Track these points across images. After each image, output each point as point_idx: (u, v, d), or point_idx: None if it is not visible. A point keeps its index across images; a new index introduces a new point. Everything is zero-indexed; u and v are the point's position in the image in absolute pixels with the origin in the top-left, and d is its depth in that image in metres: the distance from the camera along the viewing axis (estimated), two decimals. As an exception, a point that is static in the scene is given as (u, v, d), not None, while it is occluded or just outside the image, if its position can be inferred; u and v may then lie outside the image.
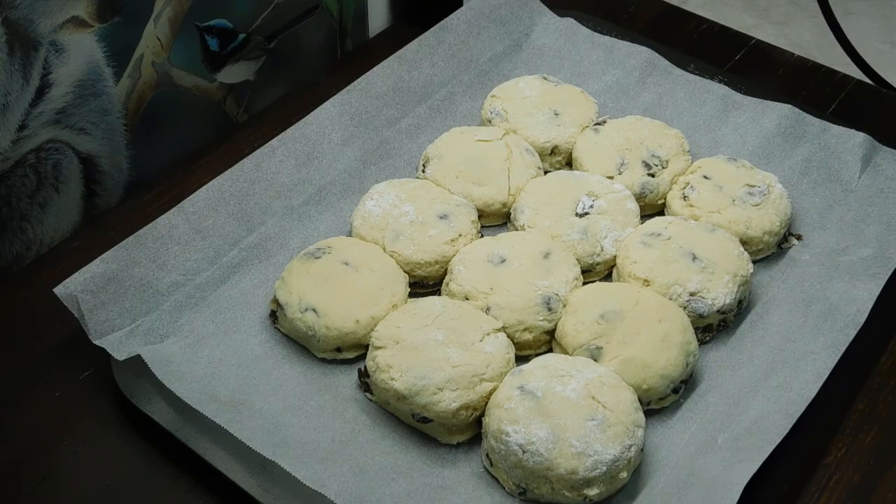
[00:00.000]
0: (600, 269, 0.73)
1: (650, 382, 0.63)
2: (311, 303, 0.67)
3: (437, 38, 0.87)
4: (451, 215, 0.73)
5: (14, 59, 0.68)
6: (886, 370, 0.69)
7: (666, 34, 0.96)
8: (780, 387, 0.63)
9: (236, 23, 0.83)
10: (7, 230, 0.74)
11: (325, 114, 0.80)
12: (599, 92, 0.88)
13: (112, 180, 0.80)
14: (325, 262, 0.69)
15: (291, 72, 0.91)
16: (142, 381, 0.64)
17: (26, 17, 0.67)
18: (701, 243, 0.70)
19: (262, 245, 0.74)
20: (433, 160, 0.78)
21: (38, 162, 0.74)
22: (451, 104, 0.86)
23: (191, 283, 0.70)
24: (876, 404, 0.67)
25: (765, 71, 0.78)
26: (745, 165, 0.77)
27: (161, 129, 0.82)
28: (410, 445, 0.63)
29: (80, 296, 0.65)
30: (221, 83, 0.85)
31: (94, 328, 0.65)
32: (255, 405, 0.63)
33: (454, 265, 0.71)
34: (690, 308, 0.68)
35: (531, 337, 0.67)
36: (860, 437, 0.65)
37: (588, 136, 0.80)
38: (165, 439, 0.63)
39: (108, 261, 0.67)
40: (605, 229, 0.73)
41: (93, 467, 0.63)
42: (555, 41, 0.92)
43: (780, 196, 0.75)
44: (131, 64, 0.77)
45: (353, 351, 0.68)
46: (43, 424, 0.65)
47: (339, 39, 0.95)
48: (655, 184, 0.77)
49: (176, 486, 0.62)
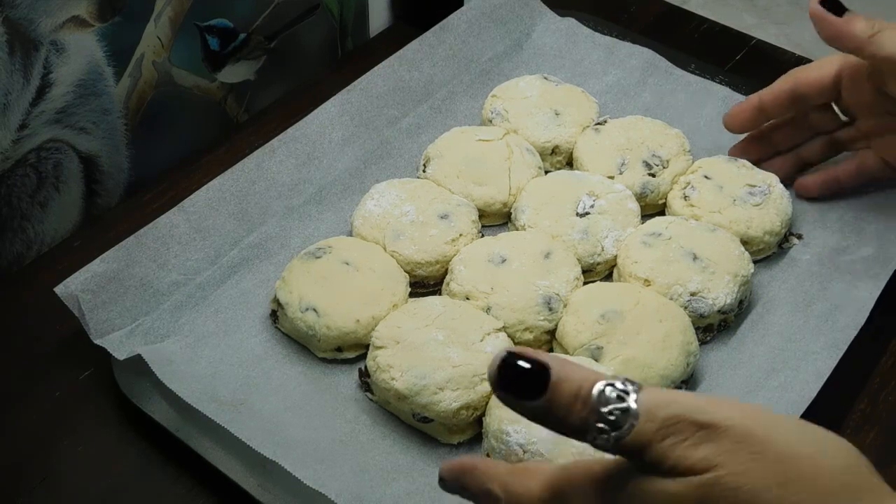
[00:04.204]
0: (601, 268, 0.73)
1: (651, 382, 0.63)
2: (311, 302, 0.67)
3: (438, 38, 0.87)
4: (451, 215, 0.73)
5: (14, 59, 0.68)
6: (887, 370, 0.69)
7: (666, 34, 0.96)
8: (780, 387, 0.63)
9: (237, 22, 0.83)
10: (7, 230, 0.74)
11: (326, 113, 0.80)
12: (600, 92, 0.88)
13: (112, 180, 0.80)
14: (325, 261, 0.69)
15: (292, 71, 0.91)
16: (142, 381, 0.64)
17: (27, 16, 0.67)
18: (702, 243, 0.70)
19: (262, 245, 0.74)
20: (434, 160, 0.78)
21: (38, 161, 0.74)
22: (452, 104, 0.86)
23: (191, 283, 0.70)
24: (876, 404, 0.67)
25: (766, 71, 0.78)
26: (745, 165, 0.77)
27: (161, 128, 0.82)
28: (411, 445, 0.63)
29: (80, 295, 0.65)
30: (222, 83, 0.85)
31: (94, 328, 0.65)
32: (255, 405, 0.63)
33: (455, 265, 0.71)
34: (691, 308, 0.68)
35: (532, 337, 0.67)
36: (860, 437, 0.65)
37: (589, 136, 0.80)
38: (165, 439, 0.63)
39: (108, 260, 0.67)
40: (605, 229, 0.73)
41: (93, 467, 0.63)
42: (555, 41, 0.92)
43: (780, 196, 0.75)
44: (132, 63, 0.77)
45: (354, 351, 0.68)
46: (43, 424, 0.65)
47: (340, 39, 0.95)
48: (656, 184, 0.77)
49: (176, 486, 0.62)
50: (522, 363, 0.42)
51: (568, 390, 0.42)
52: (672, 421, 0.40)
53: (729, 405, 0.41)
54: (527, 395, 0.42)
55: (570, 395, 0.42)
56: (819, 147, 0.78)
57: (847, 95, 0.74)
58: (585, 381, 0.42)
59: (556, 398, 0.42)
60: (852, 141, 0.76)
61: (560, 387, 0.42)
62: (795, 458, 0.39)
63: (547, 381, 0.42)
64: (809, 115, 0.77)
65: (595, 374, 0.42)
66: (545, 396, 0.42)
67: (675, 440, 0.40)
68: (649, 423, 0.40)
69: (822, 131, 0.77)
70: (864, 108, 0.74)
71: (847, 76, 0.73)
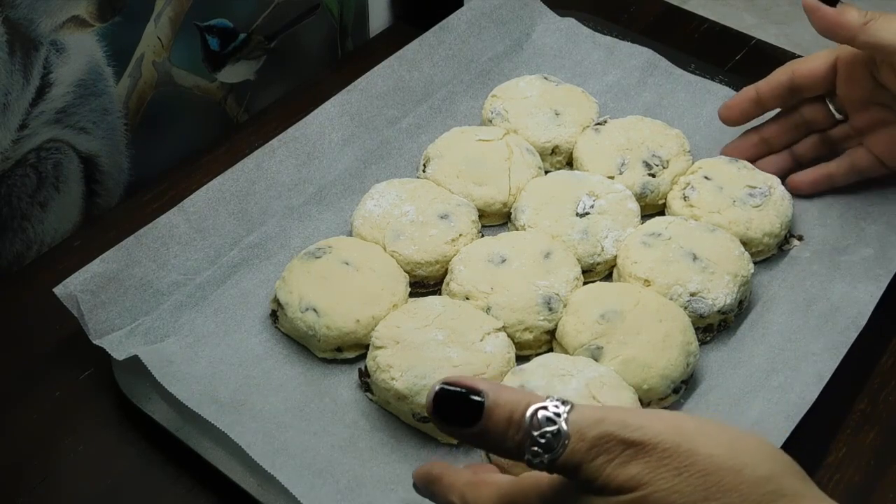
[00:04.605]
0: (601, 269, 0.73)
1: (651, 382, 0.63)
2: (311, 302, 0.67)
3: (438, 38, 0.87)
4: (451, 215, 0.73)
5: (14, 59, 0.68)
6: (887, 370, 0.69)
7: (666, 34, 0.96)
8: (780, 388, 0.63)
9: (237, 22, 0.83)
10: (7, 230, 0.74)
11: (326, 113, 0.80)
12: (600, 92, 0.87)
13: (112, 180, 0.80)
14: (325, 261, 0.69)
15: (292, 71, 0.91)
16: (142, 381, 0.64)
17: (27, 16, 0.67)
18: (701, 243, 0.70)
19: (262, 245, 0.74)
20: (434, 160, 0.78)
21: (38, 161, 0.74)
22: (452, 104, 0.86)
23: (191, 283, 0.70)
24: (876, 404, 0.67)
25: (766, 71, 0.78)
26: (746, 166, 0.77)
27: (161, 128, 0.82)
28: (409, 452, 0.63)
29: (79, 295, 0.65)
30: (222, 83, 0.85)
31: (93, 328, 0.65)
32: (254, 406, 0.63)
33: (454, 265, 0.71)
34: (691, 308, 0.68)
35: (531, 337, 0.67)
36: (860, 437, 0.65)
37: (589, 136, 0.80)
38: (165, 439, 0.63)
39: (108, 260, 0.67)
40: (605, 229, 0.73)
41: (93, 467, 0.63)
42: (556, 41, 0.92)
43: (781, 198, 0.75)
44: (132, 63, 0.77)
45: (354, 351, 0.68)
46: (43, 424, 0.65)
47: (340, 39, 0.95)
48: (656, 184, 0.77)
49: (176, 486, 0.62)
50: (458, 391, 0.45)
51: (502, 416, 0.43)
52: (601, 440, 0.42)
53: (657, 419, 0.43)
54: (463, 422, 0.44)
55: (503, 420, 0.43)
56: (812, 145, 0.78)
57: (841, 88, 0.75)
58: (518, 405, 0.43)
59: (490, 424, 0.44)
60: (845, 139, 0.77)
61: (494, 413, 0.44)
62: (718, 470, 0.41)
63: (482, 408, 0.44)
64: (803, 111, 0.77)
65: (528, 398, 0.44)
66: (480, 423, 0.44)
67: (605, 459, 0.42)
68: (580, 444, 0.42)
69: (815, 129, 0.78)
70: (857, 103, 0.75)
71: (842, 68, 0.74)
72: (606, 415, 0.43)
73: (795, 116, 0.78)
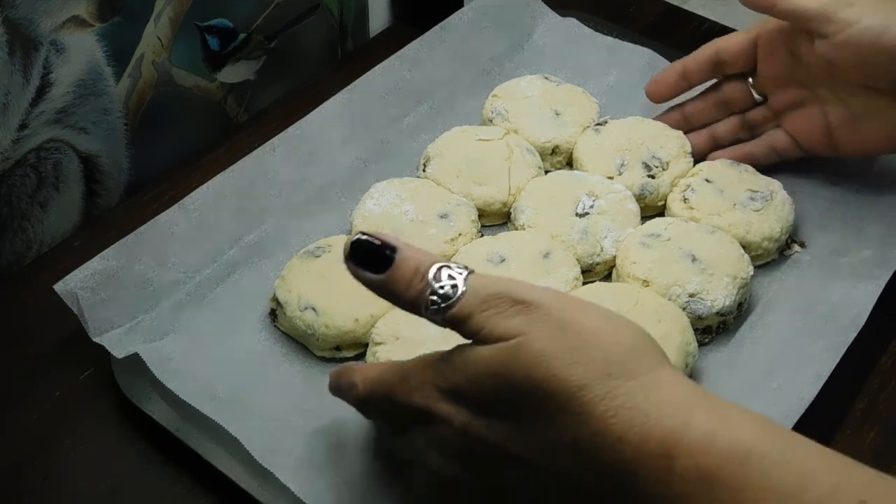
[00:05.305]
0: (600, 269, 0.73)
1: (650, 382, 0.63)
2: (310, 301, 0.67)
3: (439, 38, 0.87)
4: (451, 214, 0.73)
5: (14, 59, 0.68)
6: (887, 370, 0.69)
7: (666, 34, 0.96)
8: (779, 389, 0.63)
9: (237, 22, 0.83)
10: (7, 230, 0.74)
11: (326, 113, 0.80)
12: (601, 92, 0.87)
13: (112, 180, 0.80)
14: (325, 260, 0.69)
15: (292, 71, 0.91)
16: (142, 381, 0.64)
17: (26, 16, 0.67)
18: (701, 245, 0.70)
19: (262, 243, 0.74)
20: (434, 159, 0.78)
21: (38, 161, 0.74)
22: (453, 104, 0.86)
23: (191, 281, 0.70)
24: (876, 404, 0.67)
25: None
26: (748, 170, 0.77)
27: (161, 128, 0.82)
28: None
29: (79, 293, 0.65)
30: (222, 83, 0.85)
31: (93, 325, 0.65)
32: (254, 404, 0.63)
33: (454, 265, 0.70)
34: (689, 309, 0.68)
35: (531, 337, 0.67)
36: (860, 437, 0.65)
37: (589, 137, 0.80)
38: (165, 439, 0.63)
39: (108, 258, 0.67)
40: (605, 229, 0.73)
41: (93, 467, 0.63)
42: (556, 41, 0.92)
43: (782, 203, 0.75)
44: (132, 63, 0.77)
45: (353, 350, 0.68)
46: (43, 424, 0.65)
47: (340, 39, 0.95)
48: (655, 185, 0.77)
49: (176, 486, 0.62)
50: (373, 241, 0.50)
51: (409, 267, 0.49)
52: (493, 297, 0.47)
53: (549, 293, 0.47)
54: (373, 268, 0.49)
55: (410, 270, 0.49)
56: (732, 126, 0.80)
57: (762, 65, 0.77)
58: (425, 260, 0.49)
59: (398, 274, 0.49)
60: (764, 121, 0.79)
61: (403, 264, 0.49)
62: (592, 333, 0.46)
63: (392, 261, 0.49)
64: (725, 90, 0.79)
65: (435, 258, 0.49)
66: (389, 271, 0.49)
67: (494, 312, 0.46)
68: (473, 298, 0.47)
69: (735, 110, 0.80)
70: (776, 80, 0.77)
71: (762, 43, 0.76)
72: (501, 280, 0.48)
73: (717, 94, 0.80)
